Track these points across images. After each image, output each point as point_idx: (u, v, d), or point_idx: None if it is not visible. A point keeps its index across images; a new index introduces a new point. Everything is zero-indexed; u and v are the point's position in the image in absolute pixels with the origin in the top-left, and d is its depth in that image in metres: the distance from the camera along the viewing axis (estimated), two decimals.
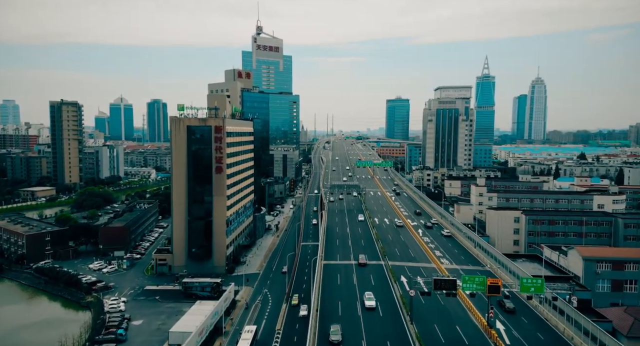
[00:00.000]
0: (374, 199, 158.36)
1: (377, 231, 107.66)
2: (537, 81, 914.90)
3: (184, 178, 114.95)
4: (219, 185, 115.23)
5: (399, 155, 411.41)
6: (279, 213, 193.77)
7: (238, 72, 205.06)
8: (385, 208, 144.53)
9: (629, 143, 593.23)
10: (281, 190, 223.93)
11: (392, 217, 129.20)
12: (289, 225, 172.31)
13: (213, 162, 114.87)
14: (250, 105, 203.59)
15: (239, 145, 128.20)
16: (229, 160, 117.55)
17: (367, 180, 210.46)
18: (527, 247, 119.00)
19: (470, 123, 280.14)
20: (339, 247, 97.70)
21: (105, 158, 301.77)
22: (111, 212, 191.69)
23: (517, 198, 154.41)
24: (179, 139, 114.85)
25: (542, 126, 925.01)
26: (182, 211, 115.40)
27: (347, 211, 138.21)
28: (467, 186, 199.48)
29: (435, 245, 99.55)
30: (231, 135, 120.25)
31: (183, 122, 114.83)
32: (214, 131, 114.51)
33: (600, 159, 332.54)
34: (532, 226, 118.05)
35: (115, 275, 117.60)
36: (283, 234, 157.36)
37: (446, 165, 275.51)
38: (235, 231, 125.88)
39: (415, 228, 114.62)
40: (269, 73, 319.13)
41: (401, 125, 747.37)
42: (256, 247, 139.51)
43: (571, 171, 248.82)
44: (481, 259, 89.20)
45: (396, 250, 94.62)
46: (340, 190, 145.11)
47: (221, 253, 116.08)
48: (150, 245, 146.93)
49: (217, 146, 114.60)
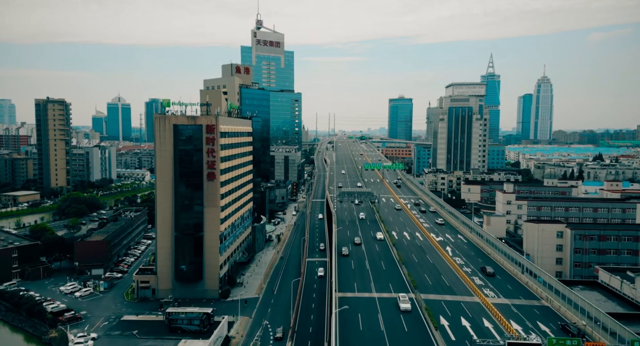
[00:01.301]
0: (387, 207, 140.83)
1: (398, 251, 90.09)
2: (543, 80, 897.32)
3: (169, 186, 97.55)
4: (211, 194, 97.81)
5: (405, 156, 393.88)
6: (281, 221, 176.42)
7: (236, 66, 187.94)
8: (402, 218, 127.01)
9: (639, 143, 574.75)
10: (283, 195, 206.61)
11: (413, 230, 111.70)
12: (292, 235, 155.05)
13: (204, 167, 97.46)
14: (249, 103, 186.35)
15: (235, 147, 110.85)
16: (223, 164, 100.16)
17: (376, 184, 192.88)
18: (572, 267, 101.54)
19: (485, 123, 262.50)
20: (355, 271, 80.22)
21: (96, 160, 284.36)
22: (97, 219, 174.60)
23: (549, 207, 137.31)
24: (164, 140, 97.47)
25: (548, 126, 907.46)
26: (168, 225, 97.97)
27: (360, 222, 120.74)
28: (487, 191, 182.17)
29: (471, 268, 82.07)
30: (226, 136, 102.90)
31: (169, 120, 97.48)
32: (205, 131, 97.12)
33: (619, 161, 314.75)
34: (579, 242, 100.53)
35: (90, 300, 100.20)
36: (286, 246, 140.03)
37: (459, 167, 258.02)
38: (231, 247, 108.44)
39: (443, 245, 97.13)
40: (270, 69, 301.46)
41: (404, 125, 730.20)
42: (255, 264, 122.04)
43: (595, 174, 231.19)
44: (533, 289, 71.73)
45: (426, 277, 77.14)
46: (350, 197, 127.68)
47: (214, 275, 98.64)
48: (135, 260, 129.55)
49: (209, 149, 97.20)
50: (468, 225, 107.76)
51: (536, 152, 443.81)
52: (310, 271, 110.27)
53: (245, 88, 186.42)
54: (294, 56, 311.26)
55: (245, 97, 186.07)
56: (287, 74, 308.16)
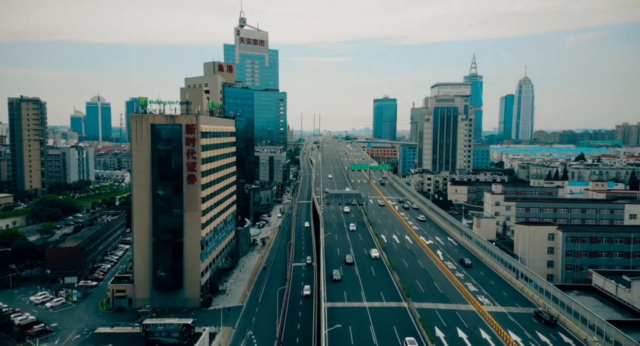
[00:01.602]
0: (375, 209, 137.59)
1: (388, 256, 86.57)
2: (525, 80, 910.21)
3: (147, 189, 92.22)
4: (191, 198, 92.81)
5: (390, 156, 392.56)
6: (265, 223, 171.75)
7: (219, 64, 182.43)
8: (391, 220, 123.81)
9: (620, 143, 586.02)
10: (268, 197, 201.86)
11: (402, 233, 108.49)
12: (278, 237, 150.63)
13: (184, 169, 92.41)
14: (232, 102, 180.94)
15: (217, 147, 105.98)
16: (204, 166, 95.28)
17: (362, 185, 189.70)
18: (564, 270, 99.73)
19: (470, 123, 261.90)
20: (344, 278, 76.39)
21: (73, 161, 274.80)
22: (73, 223, 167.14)
23: (538, 208, 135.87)
24: (141, 141, 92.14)
25: (529, 126, 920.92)
26: (146, 230, 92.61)
27: (347, 224, 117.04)
28: (474, 192, 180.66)
29: (464, 274, 79.03)
30: (208, 136, 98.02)
31: (146, 120, 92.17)
32: (185, 131, 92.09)
33: (601, 160, 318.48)
34: (570, 245, 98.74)
35: (62, 310, 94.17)
36: (271, 250, 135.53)
37: (444, 167, 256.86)
38: (213, 253, 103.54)
39: (433, 249, 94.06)
40: (254, 68, 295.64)
41: (389, 125, 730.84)
42: (238, 269, 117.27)
43: (579, 174, 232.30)
44: (529, 295, 68.96)
45: (418, 284, 73.77)
46: (337, 199, 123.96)
47: (194, 282, 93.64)
48: (112, 266, 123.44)
49: (189, 149, 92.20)
50: (458, 227, 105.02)
51: (519, 152, 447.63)
52: (297, 276, 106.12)
53: (228, 87, 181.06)
54: (278, 55, 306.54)
55: (229, 96, 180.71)
56: (272, 73, 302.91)
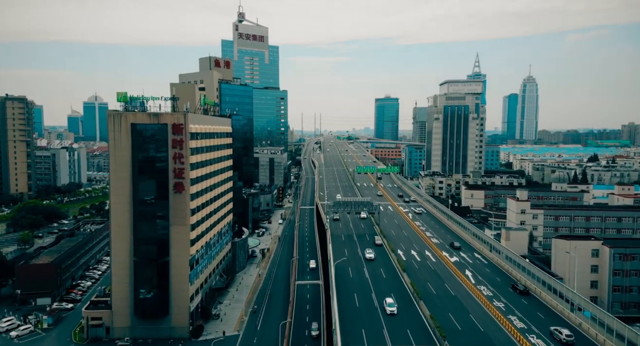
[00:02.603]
0: (387, 217, 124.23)
1: (412, 280, 73.14)
2: (529, 79, 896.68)
3: (127, 200, 78.86)
4: (178, 210, 79.44)
5: (395, 156, 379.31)
6: (265, 231, 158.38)
7: (215, 60, 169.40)
8: (406, 231, 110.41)
9: (628, 143, 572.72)
10: (268, 201, 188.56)
11: (421, 248, 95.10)
12: (279, 248, 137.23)
13: (170, 176, 79.04)
14: (230, 100, 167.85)
15: (210, 150, 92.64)
16: (194, 172, 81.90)
17: (370, 189, 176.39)
18: (610, 292, 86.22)
19: (482, 122, 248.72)
20: (361, 311, 63.05)
21: (63, 163, 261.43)
22: (57, 231, 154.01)
23: (568, 216, 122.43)
24: (120, 144, 78.78)
25: (533, 125, 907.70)
26: (125, 249, 79.24)
27: (358, 238, 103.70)
28: (491, 197, 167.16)
29: (504, 303, 65.55)
30: (198, 137, 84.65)
31: (126, 118, 78.81)
32: (171, 131, 78.73)
33: (616, 161, 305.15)
34: (618, 263, 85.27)
35: (29, 340, 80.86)
36: (271, 263, 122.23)
37: (454, 169, 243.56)
38: (205, 271, 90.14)
39: (460, 269, 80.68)
40: (253, 65, 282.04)
41: (391, 124, 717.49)
42: (235, 288, 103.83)
43: (599, 177, 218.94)
44: (591, 335, 55.54)
45: (452, 318, 60.37)
46: (346, 208, 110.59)
47: (182, 308, 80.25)
48: (93, 283, 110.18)
49: (176, 153, 78.83)
50: (486, 241, 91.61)
51: (527, 153, 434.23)
52: (301, 298, 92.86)
53: (225, 83, 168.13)
54: (279, 51, 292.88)
55: (226, 93, 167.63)
56: (272, 70, 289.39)
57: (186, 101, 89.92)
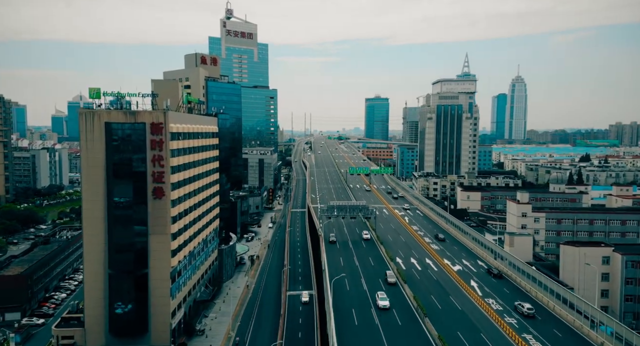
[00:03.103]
0: (382, 221, 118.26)
1: (413, 292, 67.04)
2: (518, 79, 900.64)
3: (101, 207, 71.62)
4: (158, 217, 72.40)
5: (386, 157, 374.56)
6: (255, 236, 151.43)
7: (201, 57, 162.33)
8: (404, 236, 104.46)
9: (617, 143, 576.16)
10: (257, 204, 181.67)
11: (421, 255, 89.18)
12: (269, 254, 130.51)
13: (149, 180, 71.97)
14: (217, 98, 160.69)
15: (194, 151, 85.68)
16: (175, 176, 74.92)
17: (363, 191, 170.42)
18: (622, 302, 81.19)
19: (475, 122, 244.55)
20: (361, 329, 56.78)
21: (43, 164, 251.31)
22: (33, 237, 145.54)
23: (571, 220, 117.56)
24: (93, 144, 71.50)
25: (522, 125, 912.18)
26: (100, 261, 72.00)
27: (353, 245, 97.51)
28: (488, 199, 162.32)
29: (515, 318, 59.85)
30: (180, 137, 77.69)
31: (99, 117, 71.56)
32: (149, 131, 71.68)
33: (608, 161, 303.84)
34: (631, 271, 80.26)
35: None
36: (261, 270, 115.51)
37: (448, 170, 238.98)
38: (188, 283, 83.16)
39: (465, 279, 74.89)
40: (241, 63, 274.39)
41: (381, 124, 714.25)
42: (221, 299, 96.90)
43: (595, 177, 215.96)
44: None
45: (461, 337, 54.38)
46: (340, 212, 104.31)
47: (163, 325, 73.22)
48: (68, 295, 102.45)
49: (155, 155, 71.78)
50: (490, 248, 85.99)
51: (518, 153, 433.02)
52: (293, 311, 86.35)
53: (212, 81, 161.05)
54: (268, 49, 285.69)
55: (213, 91, 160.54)
56: (261, 68, 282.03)
57: (169, 99, 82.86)
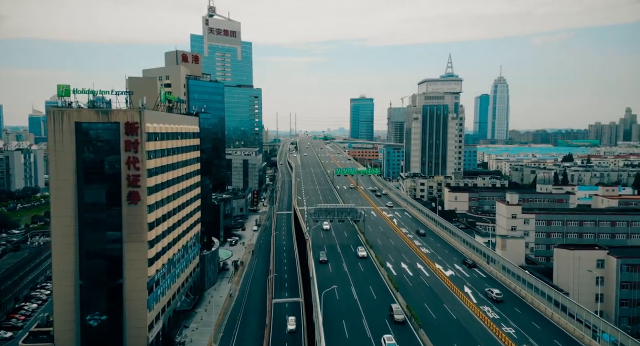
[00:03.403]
0: (371, 224, 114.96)
1: (406, 301, 63.70)
2: (500, 80, 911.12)
3: (71, 213, 66.44)
4: (134, 224, 67.54)
5: (372, 157, 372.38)
6: (239, 240, 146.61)
7: (182, 54, 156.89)
8: (393, 239, 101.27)
9: (597, 143, 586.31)
10: (241, 207, 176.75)
11: (412, 260, 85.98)
12: (254, 259, 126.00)
13: (123, 184, 67.05)
14: (199, 98, 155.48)
15: (174, 153, 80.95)
16: (153, 179, 70.14)
17: (350, 192, 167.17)
18: (618, 306, 79.34)
19: (461, 122, 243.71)
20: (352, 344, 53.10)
21: (17, 166, 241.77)
22: (5, 243, 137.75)
23: (560, 221, 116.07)
24: (62, 146, 66.29)
25: (505, 126, 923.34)
26: (70, 271, 66.81)
27: (342, 249, 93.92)
28: (475, 199, 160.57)
29: (513, 327, 56.96)
30: (158, 138, 72.91)
31: (69, 116, 66.40)
32: (123, 131, 66.77)
33: (590, 161, 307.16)
34: (626, 274, 78.45)
35: None
36: (245, 276, 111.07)
37: (434, 170, 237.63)
38: (167, 293, 78.38)
39: (458, 284, 71.95)
40: (225, 62, 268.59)
41: (366, 125, 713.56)
42: (203, 308, 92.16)
43: (579, 177, 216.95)
44: None
45: None
46: (328, 215, 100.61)
47: (139, 339, 68.35)
48: (40, 306, 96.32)
49: (129, 157, 66.90)
50: (483, 252, 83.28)
51: (502, 153, 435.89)
52: (279, 319, 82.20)
53: (193, 79, 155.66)
54: (252, 48, 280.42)
55: (194, 90, 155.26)
56: (245, 67, 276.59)
57: (145, 97, 77.92)
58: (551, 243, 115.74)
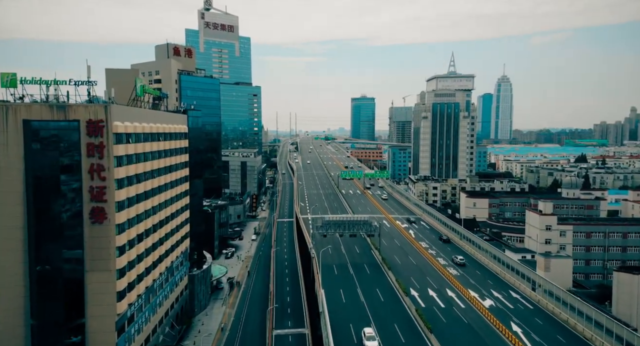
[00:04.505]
0: (384, 236, 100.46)
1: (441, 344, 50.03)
2: (503, 79, 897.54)
3: (18, 235, 52.48)
4: (99, 249, 53.58)
5: (376, 158, 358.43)
6: (235, 251, 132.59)
7: (174, 47, 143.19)
8: (414, 258, 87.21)
9: (606, 143, 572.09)
10: (239, 213, 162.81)
11: (440, 285, 72.01)
12: (252, 275, 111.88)
13: (84, 198, 53.08)
14: (192, 95, 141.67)
15: (154, 157, 66.97)
16: (124, 192, 56.13)
17: (357, 197, 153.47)
18: None
19: (473, 121, 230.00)
20: None
21: None
22: None
23: (602, 233, 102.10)
24: (8, 148, 52.30)
25: (508, 125, 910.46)
26: (18, 307, 52.82)
27: (354, 269, 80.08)
28: (496, 206, 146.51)
29: None
30: (132, 140, 58.91)
31: (16, 112, 52.40)
32: (85, 131, 52.82)
33: (605, 162, 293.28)
34: None
35: None
36: (242, 297, 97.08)
37: (444, 172, 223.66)
38: (145, 329, 64.27)
39: (503, 321, 58.04)
40: (222, 58, 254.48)
41: (367, 125, 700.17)
42: (192, 341, 77.98)
43: (602, 180, 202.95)
44: None
45: None
46: (338, 229, 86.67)
47: None
48: None
49: (93, 164, 52.95)
50: (525, 275, 69.36)
51: (510, 153, 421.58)
52: None
53: (186, 75, 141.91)
54: (250, 43, 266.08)
55: (187, 86, 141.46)
56: (243, 63, 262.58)
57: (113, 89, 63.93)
58: (591, 258, 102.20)
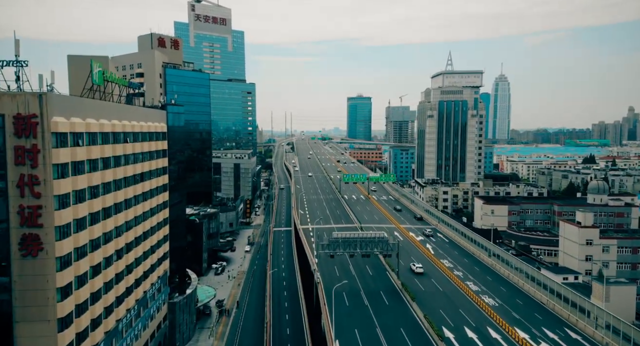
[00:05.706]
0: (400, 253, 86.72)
1: None
2: (501, 78, 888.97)
3: None
4: (32, 291, 38.95)
5: (376, 159, 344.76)
6: (227, 265, 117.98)
7: (158, 38, 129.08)
8: (439, 282, 73.18)
9: (608, 143, 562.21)
10: (231, 221, 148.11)
11: (478, 323, 58.07)
12: (245, 296, 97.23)
13: (12, 222, 38.43)
14: (178, 90, 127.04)
15: (116, 164, 52.43)
16: (67, 212, 41.52)
17: (361, 203, 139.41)
18: None
19: (481, 120, 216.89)
20: None
21: None
22: None
23: None
24: None
25: (506, 125, 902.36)
26: None
27: (368, 297, 65.98)
28: (516, 213, 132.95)
29: None
30: (82, 141, 44.30)
31: None
32: (10, 130, 38.15)
33: (615, 163, 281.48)
34: None
35: None
36: (232, 325, 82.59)
37: (451, 175, 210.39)
38: None
39: None
40: (213, 53, 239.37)
41: (363, 124, 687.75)
42: None
43: (620, 183, 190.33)
44: None
45: None
46: (347, 247, 72.59)
47: None
48: None
49: (23, 175, 38.32)
50: (582, 306, 55.57)
51: (513, 153, 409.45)
52: None
53: (172, 68, 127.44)
54: (244, 37, 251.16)
55: (172, 80, 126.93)
56: (237, 59, 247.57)
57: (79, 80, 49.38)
58: (637, 278, 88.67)
